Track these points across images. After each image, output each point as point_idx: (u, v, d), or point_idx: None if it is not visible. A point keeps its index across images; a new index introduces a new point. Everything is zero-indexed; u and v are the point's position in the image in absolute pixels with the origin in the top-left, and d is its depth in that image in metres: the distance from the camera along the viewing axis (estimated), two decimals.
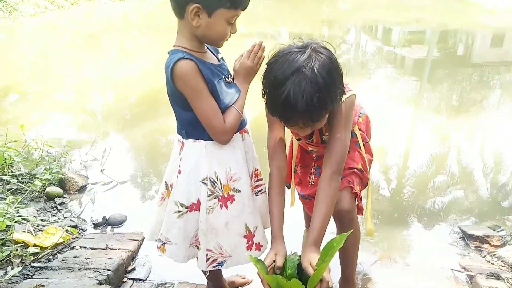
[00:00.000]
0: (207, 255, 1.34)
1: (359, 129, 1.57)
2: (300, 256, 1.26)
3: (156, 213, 1.43)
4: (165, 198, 1.39)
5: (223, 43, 1.24)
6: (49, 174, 2.56)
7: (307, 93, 1.11)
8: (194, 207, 1.32)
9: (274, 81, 1.16)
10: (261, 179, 1.47)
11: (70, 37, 9.81)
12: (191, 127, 1.27)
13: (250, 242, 1.37)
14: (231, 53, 1.43)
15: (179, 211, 1.32)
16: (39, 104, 4.81)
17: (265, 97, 1.23)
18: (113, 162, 3.09)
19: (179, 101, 1.22)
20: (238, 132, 1.33)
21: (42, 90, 5.37)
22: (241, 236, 1.36)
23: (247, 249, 1.37)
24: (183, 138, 1.31)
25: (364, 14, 13.34)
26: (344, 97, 1.32)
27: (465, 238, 2.14)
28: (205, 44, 1.28)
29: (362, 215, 1.59)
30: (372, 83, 5.79)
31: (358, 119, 1.58)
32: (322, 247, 1.23)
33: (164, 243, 1.37)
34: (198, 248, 1.37)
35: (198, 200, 1.31)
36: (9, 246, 1.77)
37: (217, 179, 1.29)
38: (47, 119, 4.32)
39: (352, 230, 1.26)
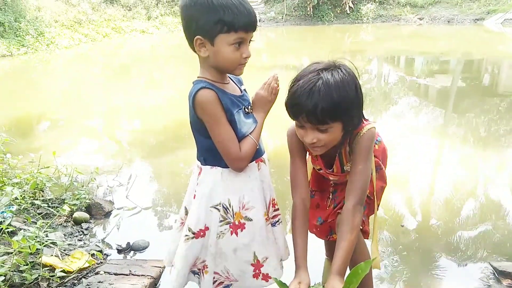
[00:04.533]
0: (214, 277, 1.37)
1: (374, 156, 1.58)
2: (323, 286, 1.26)
3: (175, 239, 1.46)
4: (184, 223, 1.43)
5: (241, 69, 1.28)
6: (77, 199, 2.65)
7: (316, 89, 1.18)
8: (202, 233, 1.34)
9: (294, 79, 1.29)
10: (278, 209, 1.48)
11: (101, 68, 10.33)
12: (209, 154, 1.31)
13: (257, 271, 1.38)
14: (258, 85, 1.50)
15: (186, 235, 1.35)
16: (70, 131, 5.03)
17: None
18: (138, 188, 3.17)
19: (200, 128, 1.28)
20: (254, 161, 1.36)
21: (73, 118, 5.63)
22: (248, 264, 1.38)
23: (253, 277, 1.39)
24: (201, 164, 1.35)
25: (387, 45, 13.45)
26: (365, 129, 1.35)
27: (495, 275, 2.05)
28: (228, 76, 1.35)
29: (367, 238, 1.59)
30: (395, 112, 5.76)
31: (375, 146, 1.60)
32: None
33: (172, 266, 1.42)
34: (196, 273, 1.40)
35: (206, 226, 1.33)
36: (37, 269, 1.83)
37: (230, 206, 1.32)
38: (77, 146, 4.51)
39: (376, 257, 1.26)
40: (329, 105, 1.19)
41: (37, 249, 1.90)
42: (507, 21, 15.84)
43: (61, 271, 1.85)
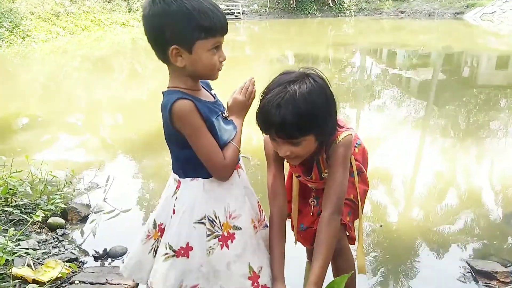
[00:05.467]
0: None
1: (355, 159, 1.56)
2: None
3: (138, 252, 1.36)
4: (151, 237, 1.33)
5: (217, 74, 1.24)
6: (52, 204, 2.55)
7: (284, 104, 1.14)
8: (182, 251, 1.25)
9: (263, 92, 1.24)
10: (263, 211, 1.45)
11: (80, 62, 10.06)
12: (189, 165, 1.25)
13: (256, 284, 1.30)
14: (245, 75, 1.45)
15: (166, 253, 1.26)
16: (47, 129, 4.88)
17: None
18: (116, 190, 3.07)
19: (177, 140, 1.21)
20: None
21: (49, 115, 5.46)
22: (245, 278, 1.28)
23: None
24: (180, 177, 1.28)
25: (369, 38, 13.51)
26: (341, 136, 1.32)
27: (472, 274, 2.07)
28: (200, 82, 1.28)
29: (354, 244, 1.57)
30: (378, 104, 5.79)
31: (355, 149, 1.58)
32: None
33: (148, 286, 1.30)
34: None
35: (189, 245, 1.25)
36: (7, 282, 1.76)
37: (216, 217, 1.25)
38: (53, 145, 4.36)
39: (353, 271, 1.24)
40: (298, 120, 1.15)
41: (6, 260, 1.82)
42: (486, 15, 16.11)
43: (33, 283, 1.79)
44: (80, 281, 1.89)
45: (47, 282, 1.84)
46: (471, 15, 16.74)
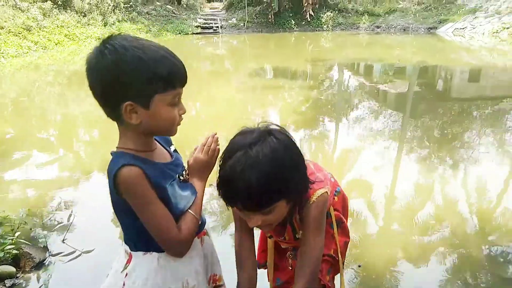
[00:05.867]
0: None
1: (335, 209, 1.42)
2: None
3: None
4: None
5: (176, 129, 1.08)
6: (1, 251, 2.21)
7: (246, 173, 0.98)
8: None
9: (222, 158, 1.07)
10: (221, 286, 1.27)
11: (53, 76, 9.76)
12: (141, 237, 1.07)
13: None
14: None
15: None
16: (7, 154, 4.61)
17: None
18: (79, 228, 2.71)
19: (125, 209, 1.03)
20: (197, 237, 1.16)
21: (17, 131, 5.18)
22: None
23: None
24: (131, 250, 1.10)
25: (346, 52, 13.72)
26: (316, 195, 1.17)
27: None
28: (155, 138, 1.12)
29: None
30: (356, 117, 5.78)
31: (334, 198, 1.43)
32: None
33: None
34: None
35: None
36: None
37: None
38: (12, 169, 4.07)
39: None
40: (266, 187, 1.00)
41: None
42: (457, 30, 16.67)
43: None
44: None
45: None
46: (443, 30, 17.30)
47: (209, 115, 6.17)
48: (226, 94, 7.48)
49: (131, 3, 17.91)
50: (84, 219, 2.87)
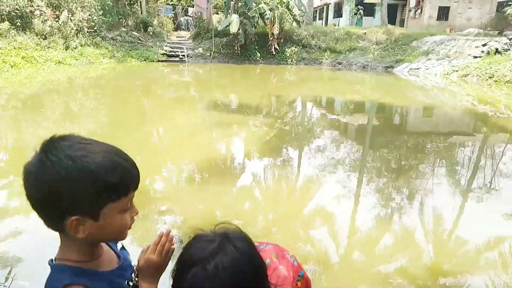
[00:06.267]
0: None
1: None
2: None
3: None
4: None
5: (127, 233, 0.98)
6: None
7: None
8: None
9: (176, 271, 0.99)
10: None
11: (6, 99, 9.28)
12: None
13: None
14: None
15: None
16: None
17: None
18: None
19: None
20: None
21: None
22: None
23: None
24: None
25: (309, 85, 14.19)
26: None
27: None
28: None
29: None
30: (318, 146, 5.89)
31: (297, 284, 1.36)
32: None
33: None
34: None
35: None
36: None
37: None
38: None
39: None
40: None
41: None
42: (412, 70, 17.79)
43: None
44: None
45: None
46: (400, 70, 18.39)
47: (171, 143, 6.06)
48: (190, 121, 7.43)
49: (95, 28, 17.66)
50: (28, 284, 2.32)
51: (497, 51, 16.05)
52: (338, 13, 31.08)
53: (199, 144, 5.84)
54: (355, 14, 27.81)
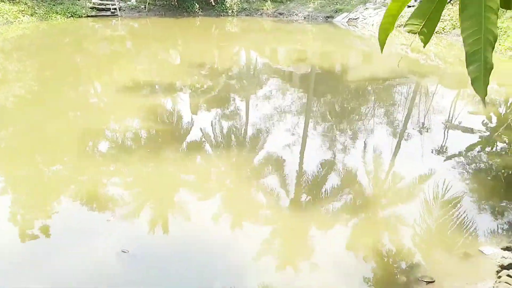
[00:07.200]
0: None
1: None
2: None
3: None
4: None
5: None
6: None
7: None
8: None
9: None
10: None
11: None
12: None
13: None
14: None
15: None
16: None
17: None
18: None
19: None
20: None
21: None
22: None
23: None
24: None
25: (252, 36, 13.96)
26: None
27: None
28: None
29: None
30: (264, 95, 5.93)
31: None
32: None
33: None
34: None
35: None
36: None
37: None
38: None
39: None
40: None
41: None
42: (351, 20, 18.06)
43: None
44: None
45: None
46: (339, 20, 18.61)
47: (112, 99, 5.74)
48: (130, 76, 7.04)
49: None
50: None
51: None
52: None
53: (140, 97, 5.59)
54: None
